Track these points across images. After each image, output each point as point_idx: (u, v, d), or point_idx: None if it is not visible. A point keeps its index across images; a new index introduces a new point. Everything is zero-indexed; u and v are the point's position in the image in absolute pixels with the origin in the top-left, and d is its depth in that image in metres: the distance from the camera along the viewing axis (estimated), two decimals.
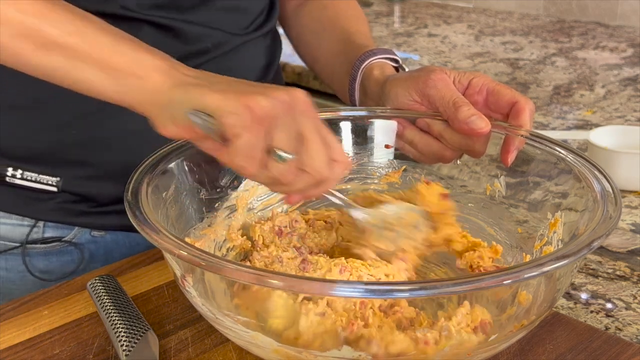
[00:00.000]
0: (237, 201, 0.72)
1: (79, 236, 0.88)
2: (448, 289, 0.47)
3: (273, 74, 0.94)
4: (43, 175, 0.82)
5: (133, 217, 0.55)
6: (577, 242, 0.51)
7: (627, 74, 1.55)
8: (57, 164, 0.83)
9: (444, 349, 0.52)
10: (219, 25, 0.84)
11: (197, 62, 0.82)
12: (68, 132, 0.81)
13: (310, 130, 0.55)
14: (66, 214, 0.85)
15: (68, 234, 0.87)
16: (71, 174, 0.83)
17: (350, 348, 0.52)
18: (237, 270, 0.48)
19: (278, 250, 0.66)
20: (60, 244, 0.87)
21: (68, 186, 0.83)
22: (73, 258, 0.88)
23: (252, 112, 0.53)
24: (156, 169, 0.63)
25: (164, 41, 0.79)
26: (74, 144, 0.82)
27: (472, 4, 2.31)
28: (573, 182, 0.64)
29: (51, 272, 0.87)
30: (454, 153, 0.71)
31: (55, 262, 0.87)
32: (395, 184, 0.77)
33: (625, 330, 0.68)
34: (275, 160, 0.54)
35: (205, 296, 0.57)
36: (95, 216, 0.86)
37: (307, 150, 0.55)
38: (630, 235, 0.85)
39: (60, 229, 0.87)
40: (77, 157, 0.83)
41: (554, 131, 1.21)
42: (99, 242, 0.89)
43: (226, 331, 0.57)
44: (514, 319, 0.57)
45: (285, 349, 0.53)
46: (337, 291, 0.48)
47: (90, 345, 0.64)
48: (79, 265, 0.88)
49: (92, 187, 0.84)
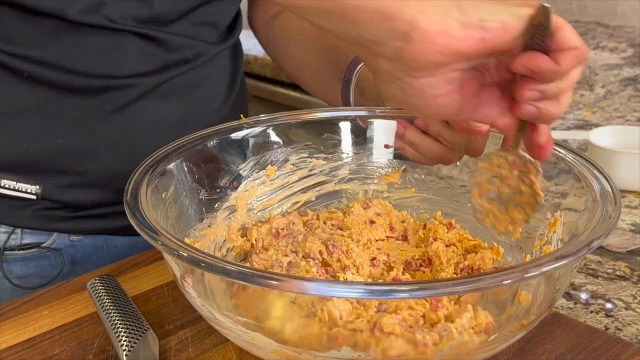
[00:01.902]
0: (236, 202, 0.72)
1: (58, 241, 0.87)
2: (448, 289, 0.47)
3: (240, 75, 0.96)
4: (22, 184, 0.81)
5: (133, 218, 0.55)
6: (577, 242, 0.51)
7: (627, 74, 1.55)
8: (39, 172, 0.81)
9: (444, 349, 0.52)
10: (197, 36, 0.86)
11: (178, 71, 0.83)
12: (52, 141, 0.80)
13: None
14: (45, 221, 0.84)
15: (47, 239, 0.86)
16: (52, 182, 0.82)
17: (350, 348, 0.52)
18: (238, 271, 0.48)
19: (278, 254, 0.66)
20: (39, 249, 0.86)
21: (48, 194, 0.82)
22: (51, 263, 0.87)
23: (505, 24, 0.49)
24: (155, 170, 0.63)
25: (148, 50, 0.81)
26: (58, 152, 0.81)
27: None
28: (573, 182, 0.64)
29: (29, 278, 0.86)
30: (455, 155, 0.71)
31: (34, 268, 0.87)
32: (394, 184, 0.77)
33: (625, 330, 0.68)
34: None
35: (205, 297, 0.57)
36: (75, 221, 0.85)
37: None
38: (630, 235, 0.85)
39: (39, 234, 0.86)
40: (60, 166, 0.82)
41: (553, 131, 1.21)
42: (78, 246, 0.88)
43: (226, 332, 0.57)
44: (513, 318, 0.57)
45: (284, 349, 0.53)
46: (336, 291, 0.48)
47: (90, 345, 0.64)
48: (61, 270, 0.87)
49: (73, 195, 0.83)
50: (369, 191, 0.78)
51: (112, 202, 0.85)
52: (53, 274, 0.87)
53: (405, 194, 0.77)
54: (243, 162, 0.73)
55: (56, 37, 0.77)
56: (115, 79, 0.80)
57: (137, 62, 0.81)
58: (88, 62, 0.78)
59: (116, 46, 0.79)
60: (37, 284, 0.86)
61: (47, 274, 0.87)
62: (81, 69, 0.78)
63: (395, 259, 0.69)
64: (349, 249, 0.67)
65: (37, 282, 0.86)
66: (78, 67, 0.78)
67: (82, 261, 0.88)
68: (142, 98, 0.82)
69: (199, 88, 0.87)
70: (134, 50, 0.80)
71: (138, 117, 0.82)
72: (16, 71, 0.77)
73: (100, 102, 0.80)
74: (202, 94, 0.87)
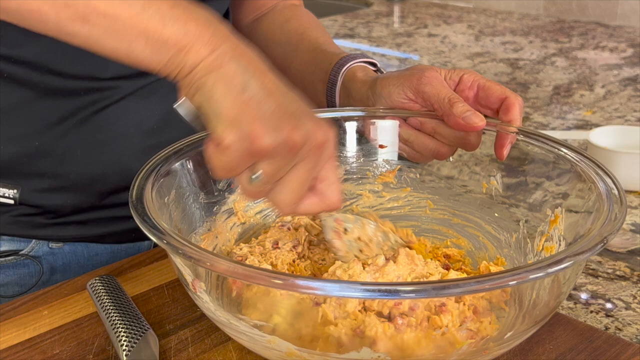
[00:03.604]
0: (234, 204, 0.72)
1: (37, 249, 0.84)
2: (450, 290, 0.47)
3: None
4: (0, 188, 0.79)
5: (142, 222, 0.54)
6: (589, 239, 0.51)
7: (627, 74, 1.55)
8: (16, 176, 0.79)
9: (462, 348, 0.53)
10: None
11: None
12: (30, 143, 0.78)
13: (305, 171, 0.54)
14: (23, 227, 0.82)
15: (25, 247, 0.84)
16: (30, 186, 0.80)
17: (369, 349, 0.52)
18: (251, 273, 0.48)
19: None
20: (17, 257, 0.84)
21: (26, 198, 0.80)
22: (30, 271, 0.85)
23: (251, 144, 0.51)
24: (159, 172, 0.62)
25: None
26: (35, 155, 0.79)
27: (472, 4, 2.31)
28: (575, 182, 0.64)
29: (7, 286, 0.84)
30: (450, 149, 0.72)
31: (12, 275, 0.84)
32: (390, 183, 0.77)
33: (625, 330, 0.68)
34: (249, 177, 0.53)
35: (219, 302, 0.57)
36: (54, 228, 0.83)
37: (282, 183, 0.54)
38: (630, 235, 0.85)
39: (17, 242, 0.84)
40: (38, 169, 0.79)
41: (553, 131, 1.21)
42: (57, 254, 0.86)
43: (239, 336, 0.56)
44: (527, 316, 0.57)
45: (300, 351, 0.53)
46: (336, 291, 0.48)
47: (90, 345, 0.64)
48: (40, 278, 0.85)
49: (52, 199, 0.81)
50: (366, 194, 0.78)
51: (92, 208, 0.83)
52: (31, 282, 0.85)
53: (401, 193, 0.77)
54: None
55: (38, 36, 0.74)
56: (98, 81, 0.78)
57: (121, 64, 0.79)
58: (70, 63, 0.76)
59: None
60: (15, 292, 0.84)
61: (25, 282, 0.85)
62: (63, 70, 0.76)
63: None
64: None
65: (16, 291, 0.84)
66: (60, 68, 0.76)
67: (61, 269, 0.86)
68: (123, 100, 0.80)
69: None
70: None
71: (119, 119, 0.80)
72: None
73: (80, 103, 0.78)
74: None
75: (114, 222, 0.84)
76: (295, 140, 0.51)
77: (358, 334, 0.54)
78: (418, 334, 0.53)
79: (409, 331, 0.54)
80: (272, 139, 0.51)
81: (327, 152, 0.55)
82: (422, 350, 0.53)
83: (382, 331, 0.53)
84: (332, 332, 0.53)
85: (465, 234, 0.73)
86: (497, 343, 0.55)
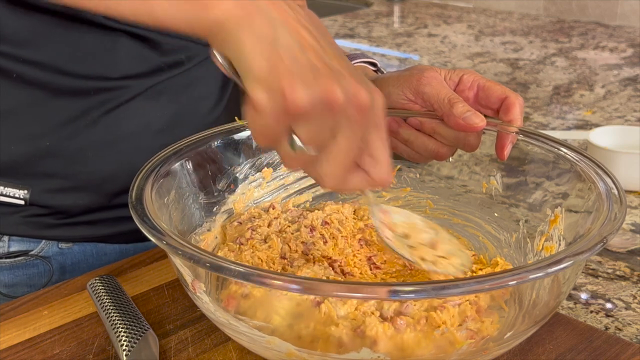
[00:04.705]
0: (234, 205, 0.72)
1: (47, 249, 0.85)
2: (450, 290, 0.47)
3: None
4: (10, 189, 0.79)
5: (141, 223, 0.54)
6: (588, 239, 0.51)
7: (627, 74, 1.55)
8: (26, 176, 0.79)
9: (462, 348, 0.53)
10: (191, 37, 0.84)
11: (172, 73, 0.82)
12: (40, 143, 0.78)
13: (349, 137, 0.49)
14: (33, 228, 0.82)
15: (35, 247, 0.84)
16: (40, 187, 0.80)
17: (368, 350, 0.52)
18: None
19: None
20: (27, 257, 0.84)
21: (36, 199, 0.80)
22: (40, 271, 0.85)
23: (285, 101, 0.46)
24: (159, 173, 0.62)
25: (141, 51, 0.79)
26: (46, 155, 0.78)
27: (472, 4, 2.31)
28: (575, 182, 0.64)
29: (17, 286, 0.84)
30: (449, 150, 0.72)
31: (22, 276, 0.84)
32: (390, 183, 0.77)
33: (625, 330, 0.68)
34: (288, 142, 0.49)
35: (219, 302, 0.57)
36: (64, 228, 0.83)
37: (325, 152, 0.49)
38: (630, 235, 0.85)
39: (27, 242, 0.84)
40: (48, 170, 0.79)
41: (553, 131, 1.21)
42: (67, 254, 0.86)
43: (239, 336, 0.56)
44: (527, 315, 0.57)
45: (299, 352, 0.53)
46: (336, 292, 0.48)
47: (90, 345, 0.64)
48: (50, 279, 0.85)
49: (62, 199, 0.81)
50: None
51: (101, 208, 0.83)
52: (42, 282, 0.85)
53: (401, 193, 0.77)
54: (239, 165, 0.73)
55: (48, 36, 0.75)
56: (107, 81, 0.78)
57: (130, 64, 0.79)
58: (80, 62, 0.77)
59: (109, 47, 0.78)
60: (25, 292, 0.83)
61: (35, 282, 0.85)
62: (73, 70, 0.77)
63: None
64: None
65: (26, 291, 0.84)
66: (69, 68, 0.76)
67: (71, 269, 0.86)
68: (133, 100, 0.80)
69: (191, 89, 0.85)
70: (127, 51, 0.79)
71: (128, 119, 0.80)
72: (5, 71, 0.76)
73: (90, 104, 0.78)
74: (195, 95, 0.86)
75: (123, 221, 0.84)
76: (334, 96, 0.46)
77: (359, 334, 0.54)
78: (418, 334, 0.53)
79: (409, 331, 0.54)
80: (307, 94, 0.46)
81: (374, 118, 0.50)
82: (422, 350, 0.53)
83: (382, 331, 0.53)
84: (333, 332, 0.53)
85: (465, 233, 0.73)
86: (497, 343, 0.55)
